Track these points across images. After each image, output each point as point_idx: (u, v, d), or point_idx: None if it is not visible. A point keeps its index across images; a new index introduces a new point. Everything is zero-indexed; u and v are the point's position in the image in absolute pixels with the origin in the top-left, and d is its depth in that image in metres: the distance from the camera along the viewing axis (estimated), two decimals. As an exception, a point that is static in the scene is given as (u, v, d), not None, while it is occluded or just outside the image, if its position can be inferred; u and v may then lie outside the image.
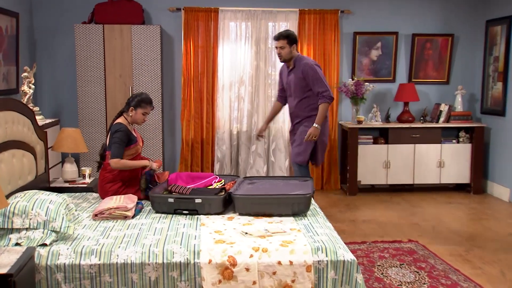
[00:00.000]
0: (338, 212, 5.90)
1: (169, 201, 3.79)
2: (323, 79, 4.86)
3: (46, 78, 6.70)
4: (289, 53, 4.95)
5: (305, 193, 3.74)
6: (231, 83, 6.78)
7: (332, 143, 6.92)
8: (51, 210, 3.33)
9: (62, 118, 6.72)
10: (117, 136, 4.16)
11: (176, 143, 6.95)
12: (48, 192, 3.60)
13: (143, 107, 4.25)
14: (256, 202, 3.69)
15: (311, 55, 6.78)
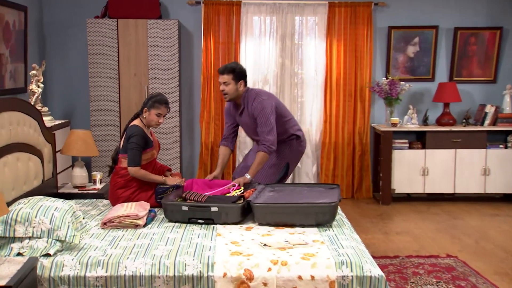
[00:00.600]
0: (369, 223, 5.85)
1: (183, 209, 3.79)
2: (266, 120, 4.41)
3: (56, 76, 6.80)
4: (234, 91, 4.50)
5: (330, 202, 3.69)
6: (254, 83, 6.77)
7: (363, 148, 6.86)
8: (56, 217, 3.36)
9: (73, 119, 6.81)
10: (134, 140, 4.18)
11: (194, 146, 6.97)
12: (54, 199, 3.64)
13: (156, 108, 4.27)
14: (277, 212, 3.65)
15: (341, 52, 6.73)
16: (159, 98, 4.29)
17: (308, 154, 6.83)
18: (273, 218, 3.66)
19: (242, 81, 4.52)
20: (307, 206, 3.63)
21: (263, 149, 4.41)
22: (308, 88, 6.85)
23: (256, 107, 4.47)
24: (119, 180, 4.31)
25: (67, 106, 6.86)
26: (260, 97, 4.52)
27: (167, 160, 6.47)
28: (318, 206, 3.62)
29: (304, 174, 6.83)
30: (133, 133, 4.21)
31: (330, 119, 6.82)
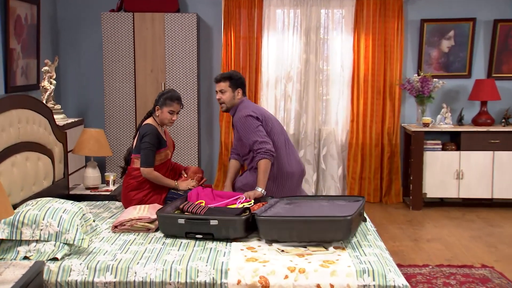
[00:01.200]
0: (398, 229, 5.81)
1: (179, 222, 3.62)
2: (254, 129, 4.28)
3: (69, 73, 6.89)
4: (231, 99, 4.45)
5: (345, 216, 3.39)
6: (277, 80, 6.77)
7: (393, 149, 6.82)
8: (65, 220, 3.40)
9: (87, 117, 6.89)
10: (147, 140, 4.22)
11: (214, 147, 7.00)
12: (63, 200, 3.69)
13: (168, 105, 4.30)
14: (283, 226, 3.45)
15: (369, 47, 6.69)
16: (171, 94, 4.32)
17: (334, 156, 6.80)
18: (280, 234, 3.47)
19: (240, 90, 4.48)
20: (315, 220, 3.40)
21: (261, 157, 4.21)
22: (334, 86, 6.82)
23: (239, 117, 4.34)
24: (131, 182, 4.35)
25: (81, 104, 6.95)
26: (248, 108, 4.39)
27: (184, 161, 6.51)
28: (328, 221, 3.38)
29: (329, 176, 6.81)
30: (146, 132, 4.25)
31: (357, 118, 6.78)
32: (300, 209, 3.79)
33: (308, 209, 3.78)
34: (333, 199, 4.10)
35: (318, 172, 6.86)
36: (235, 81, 4.47)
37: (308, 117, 6.77)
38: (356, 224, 3.56)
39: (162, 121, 4.35)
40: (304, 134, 6.76)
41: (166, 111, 4.31)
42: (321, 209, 3.76)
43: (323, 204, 3.91)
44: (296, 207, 3.87)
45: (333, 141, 6.82)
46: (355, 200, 3.97)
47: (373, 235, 3.70)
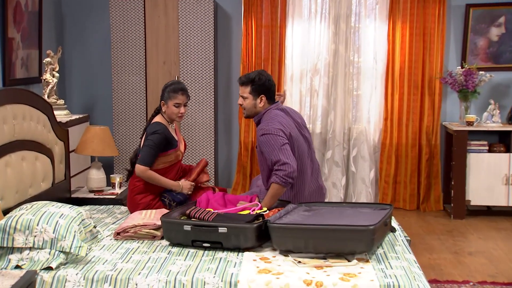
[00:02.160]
0: (436, 240, 5.75)
1: (185, 229, 3.61)
2: (279, 146, 4.11)
3: (75, 64, 6.96)
4: (252, 107, 4.32)
5: (367, 225, 3.34)
6: (302, 73, 6.75)
7: (432, 150, 6.76)
8: (61, 226, 3.43)
9: (93, 114, 6.96)
10: (152, 138, 4.24)
11: (232, 147, 7.00)
12: (61, 204, 3.72)
13: (172, 98, 4.32)
14: (297, 235, 3.40)
15: (406, 36, 6.63)
16: (173, 86, 4.36)
17: (365, 157, 6.76)
18: (294, 243, 3.43)
19: (263, 97, 4.32)
20: (334, 229, 3.35)
21: (275, 180, 4.06)
22: (366, 79, 6.77)
23: (264, 131, 4.19)
24: (138, 184, 4.37)
25: (87, 99, 7.01)
26: (273, 121, 4.24)
27: (199, 162, 6.52)
28: (349, 230, 3.33)
29: (359, 180, 6.77)
30: (154, 130, 4.26)
31: (392, 116, 6.73)
32: (319, 217, 3.75)
33: (328, 217, 3.74)
34: (358, 206, 4.06)
35: (347, 175, 6.83)
36: (257, 86, 4.30)
37: (336, 114, 6.73)
38: (380, 235, 3.51)
39: (171, 116, 4.37)
40: (332, 133, 6.73)
41: (171, 105, 4.33)
42: (342, 217, 3.72)
43: (345, 212, 3.87)
44: (315, 214, 3.83)
45: (364, 141, 6.77)
46: (382, 208, 3.92)
47: (402, 246, 3.65)
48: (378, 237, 3.47)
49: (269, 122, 4.22)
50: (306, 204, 4.08)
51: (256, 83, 4.29)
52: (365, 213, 3.81)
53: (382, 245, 3.62)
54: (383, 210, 3.84)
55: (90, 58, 6.95)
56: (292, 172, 4.04)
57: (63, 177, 4.76)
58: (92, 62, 6.96)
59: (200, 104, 6.46)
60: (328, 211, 3.93)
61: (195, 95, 6.44)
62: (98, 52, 6.92)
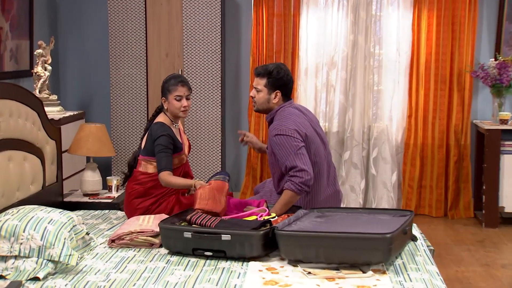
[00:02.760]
0: (466, 250, 5.73)
1: (185, 236, 3.61)
2: (295, 150, 4.10)
3: (70, 56, 6.99)
4: (265, 101, 4.31)
5: (383, 233, 3.31)
6: (318, 66, 6.75)
7: (461, 151, 6.74)
8: (50, 232, 3.43)
9: (90, 110, 6.99)
10: (161, 142, 4.23)
11: (241, 147, 7.01)
12: (50, 209, 3.72)
13: (172, 91, 4.33)
14: (307, 244, 3.39)
15: (433, 25, 6.60)
16: (172, 80, 4.37)
17: (387, 159, 6.74)
18: (304, 253, 3.41)
19: (279, 92, 4.30)
20: (347, 237, 3.34)
21: (290, 187, 4.04)
22: (388, 73, 6.77)
23: (277, 131, 4.17)
24: (136, 188, 4.38)
25: (83, 95, 7.04)
26: (289, 121, 4.21)
27: (205, 164, 6.53)
28: (363, 239, 3.30)
29: (380, 183, 6.76)
30: (158, 134, 4.26)
31: (416, 113, 6.72)
32: (331, 224, 3.74)
33: (342, 223, 3.73)
34: (375, 212, 4.04)
35: (367, 178, 6.82)
36: (274, 80, 4.27)
37: (355, 111, 6.73)
38: (399, 244, 3.48)
39: (174, 112, 4.37)
40: (350, 132, 6.72)
41: (172, 99, 4.33)
42: (357, 224, 3.71)
43: (361, 219, 3.85)
44: (328, 221, 3.82)
45: (385, 141, 6.76)
46: (402, 214, 3.90)
47: (424, 256, 3.63)
48: (397, 246, 3.44)
49: (283, 121, 4.21)
50: (319, 210, 4.07)
51: (274, 77, 4.27)
52: (383, 220, 3.79)
53: (401, 255, 3.60)
54: (402, 217, 3.82)
55: (86, 49, 6.98)
56: (309, 180, 4.04)
57: (55, 179, 4.77)
58: (88, 54, 6.98)
59: (205, 100, 6.46)
60: (342, 217, 3.91)
61: (201, 90, 6.45)
62: (94, 43, 6.95)
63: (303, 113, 4.37)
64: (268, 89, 4.29)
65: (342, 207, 4.39)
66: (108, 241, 3.86)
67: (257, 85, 4.32)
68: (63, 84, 6.99)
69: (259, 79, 4.31)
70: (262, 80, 4.29)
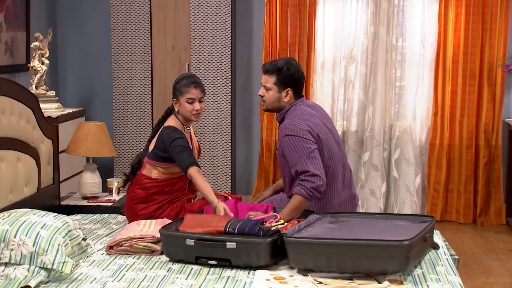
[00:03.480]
0: (496, 260, 5.71)
1: (187, 243, 3.62)
2: (307, 153, 4.09)
3: (69, 50, 7.04)
4: (275, 100, 4.30)
5: (400, 240, 3.30)
6: (335, 60, 6.76)
7: (492, 152, 6.72)
8: (43, 238, 3.44)
9: (90, 107, 7.03)
10: (179, 143, 4.22)
11: (252, 147, 7.03)
12: (44, 212, 3.74)
13: (184, 93, 4.32)
14: (318, 251, 3.38)
15: (461, 15, 6.57)
16: (184, 80, 4.36)
17: (410, 160, 6.72)
18: (315, 261, 3.41)
19: (290, 90, 4.29)
20: (361, 244, 3.32)
21: (300, 192, 4.04)
22: (412, 68, 6.76)
23: (288, 131, 4.16)
24: (139, 192, 4.39)
25: (83, 91, 7.08)
26: (301, 121, 4.20)
27: (214, 166, 6.55)
28: (378, 246, 3.29)
29: (403, 187, 6.74)
30: (173, 137, 4.24)
31: (443, 111, 6.71)
32: (345, 230, 3.73)
33: (357, 230, 3.72)
34: (393, 218, 4.02)
35: (388, 181, 6.81)
36: (284, 77, 4.26)
37: (375, 109, 6.72)
38: (418, 252, 3.47)
39: (185, 116, 4.36)
40: (370, 131, 6.71)
41: (183, 102, 4.32)
42: (373, 230, 3.69)
43: (377, 225, 3.84)
44: (341, 227, 3.82)
45: (409, 141, 6.75)
46: (422, 220, 3.88)
47: (446, 266, 3.61)
48: (415, 255, 3.43)
49: (294, 120, 4.20)
50: (332, 215, 4.06)
51: (284, 73, 4.25)
52: (401, 226, 3.77)
53: (420, 265, 3.58)
54: (423, 223, 3.80)
55: (86, 42, 7.02)
56: (321, 185, 4.04)
57: (51, 181, 4.80)
58: (89, 47, 7.02)
59: (214, 97, 6.47)
60: (357, 223, 3.91)
61: (209, 86, 6.46)
62: (96, 35, 6.99)
63: (315, 111, 4.37)
64: (278, 87, 4.28)
65: (358, 212, 4.37)
66: (106, 247, 3.87)
67: (266, 83, 4.30)
68: (62, 79, 7.03)
69: (268, 76, 4.29)
70: (271, 78, 4.28)
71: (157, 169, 4.35)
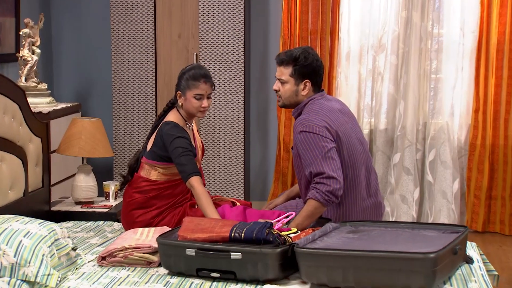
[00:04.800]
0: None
1: (187, 253, 3.62)
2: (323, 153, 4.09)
3: (64, 38, 7.06)
4: (292, 95, 4.32)
5: (425, 252, 3.29)
6: (363, 50, 6.76)
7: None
8: (25, 247, 3.47)
9: (88, 102, 7.05)
10: (180, 144, 4.23)
11: (269, 146, 7.05)
12: (28, 219, 3.76)
13: (192, 87, 4.32)
14: (333, 264, 3.38)
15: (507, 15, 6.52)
16: (193, 72, 4.35)
17: (447, 163, 6.69)
18: (330, 275, 3.40)
19: (308, 82, 4.31)
20: (381, 257, 3.32)
21: (314, 196, 4.04)
22: (449, 58, 6.72)
23: (303, 127, 4.17)
24: (136, 197, 4.40)
25: (80, 83, 7.11)
26: (318, 116, 4.21)
27: (224, 169, 6.56)
28: (401, 259, 3.29)
29: (438, 193, 6.70)
30: (174, 135, 4.27)
31: (485, 107, 6.68)
32: (365, 241, 3.73)
33: (379, 241, 3.72)
34: (421, 227, 4.01)
35: (422, 187, 6.78)
36: (301, 67, 4.27)
37: (407, 104, 6.70)
38: (447, 267, 3.45)
39: (190, 111, 4.37)
40: (401, 130, 6.69)
41: (190, 97, 4.32)
42: (397, 241, 3.69)
43: (402, 235, 3.84)
44: (362, 237, 3.81)
45: (445, 141, 6.71)
46: (453, 231, 3.86)
47: (480, 282, 3.59)
48: (443, 269, 3.41)
49: (310, 115, 4.20)
50: (352, 224, 4.06)
51: (301, 63, 4.26)
52: (429, 237, 3.77)
53: (450, 281, 3.57)
54: (454, 234, 3.79)
55: (83, 29, 7.05)
56: (338, 189, 4.04)
57: (40, 184, 4.83)
58: (86, 34, 7.05)
59: (226, 90, 6.48)
60: (380, 233, 3.90)
61: (220, 79, 6.47)
62: (94, 22, 7.01)
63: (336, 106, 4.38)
64: (295, 79, 4.28)
65: (381, 220, 4.35)
66: (98, 258, 3.89)
67: (281, 76, 4.31)
68: (56, 70, 7.06)
69: (283, 68, 4.30)
70: (287, 69, 4.28)
71: (157, 170, 4.36)
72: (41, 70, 6.33)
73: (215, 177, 6.49)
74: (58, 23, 7.02)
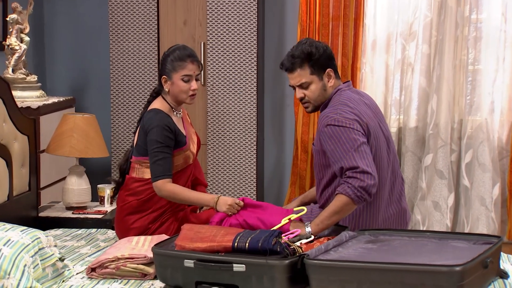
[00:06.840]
0: None
1: (185, 265, 3.64)
2: (355, 146, 4.10)
3: (58, 26, 7.10)
4: (321, 92, 4.32)
5: (451, 265, 3.30)
6: (390, 38, 6.75)
7: None
8: (5, 257, 3.51)
9: (83, 96, 7.09)
10: (155, 137, 4.28)
11: (285, 145, 7.08)
12: (10, 226, 3.80)
13: (178, 68, 4.37)
14: (346, 278, 3.40)
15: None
16: (178, 52, 4.41)
17: (486, 166, 6.66)
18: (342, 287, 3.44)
19: (330, 71, 4.33)
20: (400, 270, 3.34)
21: (345, 191, 4.03)
22: (489, 47, 6.70)
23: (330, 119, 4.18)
24: (130, 200, 4.43)
25: (75, 75, 7.16)
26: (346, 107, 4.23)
27: (234, 171, 6.57)
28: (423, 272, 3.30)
29: (476, 199, 6.68)
30: (150, 125, 4.31)
31: (529, 102, 6.67)
32: (385, 252, 3.74)
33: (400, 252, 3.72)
34: (450, 237, 4.00)
35: (457, 192, 6.78)
36: (318, 60, 4.30)
37: (441, 99, 6.69)
38: (477, 282, 3.44)
39: (178, 97, 4.42)
40: (434, 128, 6.68)
41: (178, 80, 4.37)
42: (421, 253, 3.69)
43: (427, 245, 3.84)
44: (381, 247, 3.82)
45: (484, 140, 6.69)
46: (486, 241, 3.85)
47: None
48: (472, 284, 3.40)
49: (338, 108, 4.21)
50: (371, 232, 4.05)
51: (316, 56, 4.28)
52: (458, 248, 3.76)
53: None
54: (485, 245, 3.77)
55: (79, 15, 7.08)
56: (373, 185, 4.03)
57: (27, 188, 4.86)
58: (82, 21, 7.09)
59: (236, 84, 6.48)
60: (402, 243, 3.90)
61: (230, 71, 6.48)
62: (90, 8, 7.05)
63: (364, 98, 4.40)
64: (317, 75, 4.30)
65: (404, 229, 4.34)
66: (87, 269, 3.91)
67: (302, 79, 4.30)
68: (48, 61, 7.10)
69: (299, 71, 4.29)
70: (304, 70, 4.29)
71: (148, 167, 4.39)
72: (31, 61, 6.36)
73: (224, 181, 6.50)
74: (51, 8, 7.06)
